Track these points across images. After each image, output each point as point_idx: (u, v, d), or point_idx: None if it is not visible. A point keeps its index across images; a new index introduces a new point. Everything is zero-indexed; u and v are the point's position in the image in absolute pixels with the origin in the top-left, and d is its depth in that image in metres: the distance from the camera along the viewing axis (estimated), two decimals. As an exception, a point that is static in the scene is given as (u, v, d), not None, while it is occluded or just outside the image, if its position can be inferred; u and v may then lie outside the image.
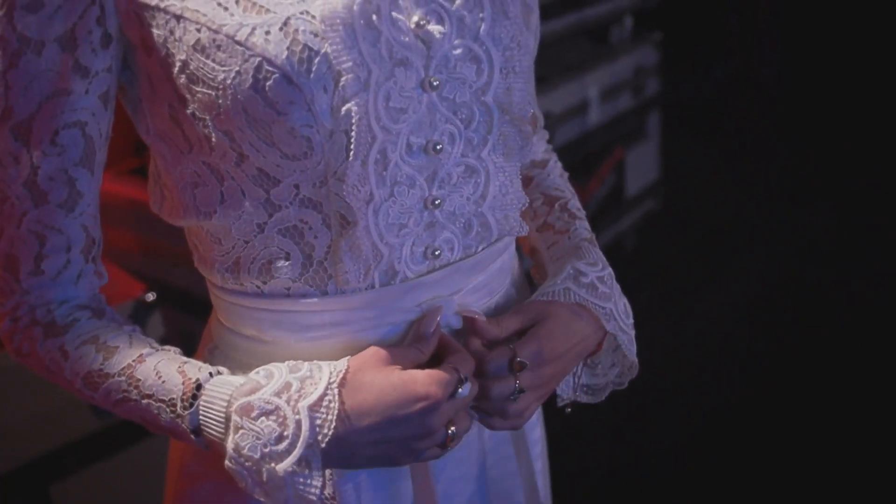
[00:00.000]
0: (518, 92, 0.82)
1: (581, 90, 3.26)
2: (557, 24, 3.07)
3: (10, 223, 0.82)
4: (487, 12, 0.79)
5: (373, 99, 0.75)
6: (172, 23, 0.75)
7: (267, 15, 0.73)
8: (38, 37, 0.76)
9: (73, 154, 0.80)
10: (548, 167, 1.06)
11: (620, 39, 3.57)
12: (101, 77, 0.79)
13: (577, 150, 3.28)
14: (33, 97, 0.78)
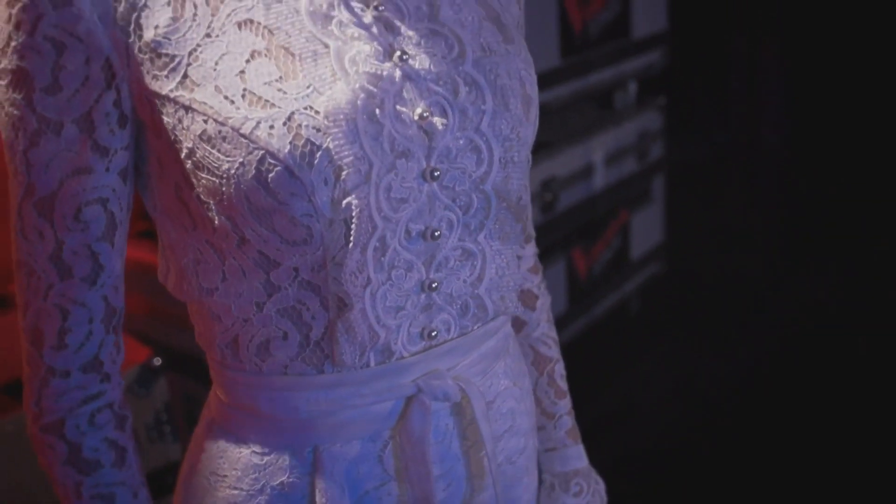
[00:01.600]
0: (515, 181, 0.84)
1: (586, 154, 3.29)
2: (563, 91, 3.11)
3: (37, 296, 0.84)
4: (489, 105, 0.82)
5: (374, 191, 0.77)
6: (181, 112, 0.77)
7: (272, 110, 0.75)
8: (56, 118, 0.78)
9: (96, 230, 0.82)
10: (537, 309, 1.09)
11: (625, 105, 3.61)
12: (120, 154, 0.81)
13: (583, 214, 3.30)
14: (54, 175, 0.80)
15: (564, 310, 3.24)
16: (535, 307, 1.09)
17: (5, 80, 0.78)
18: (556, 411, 1.10)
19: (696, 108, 4.74)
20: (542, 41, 2.99)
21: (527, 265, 1.08)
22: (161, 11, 0.77)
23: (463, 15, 0.84)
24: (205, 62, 0.76)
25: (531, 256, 1.09)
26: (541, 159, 2.99)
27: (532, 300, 1.09)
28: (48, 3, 0.75)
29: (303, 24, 0.78)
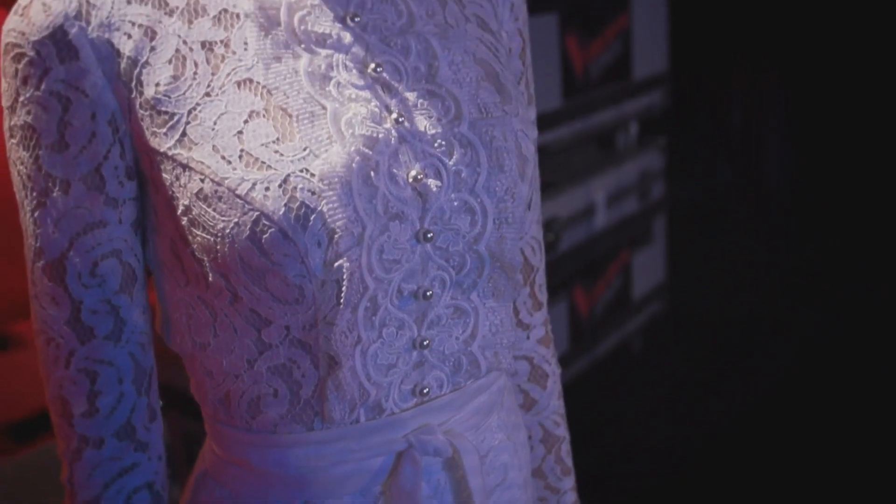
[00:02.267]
0: (510, 241, 0.85)
1: (588, 195, 3.30)
2: (565, 131, 3.13)
3: (58, 365, 0.83)
4: (484, 167, 0.82)
5: (366, 253, 0.77)
6: (178, 170, 0.77)
7: (268, 171, 0.75)
8: (63, 176, 0.79)
9: (113, 283, 0.82)
10: (548, 388, 1.08)
11: (626, 145, 3.63)
12: (130, 205, 0.82)
13: (584, 254, 3.31)
14: (64, 235, 0.80)
15: (566, 350, 3.24)
16: (545, 386, 1.07)
17: (16, 138, 0.79)
18: (561, 487, 1.10)
19: (697, 148, 4.76)
20: (544, 83, 3.02)
21: (537, 336, 1.06)
22: (162, 69, 0.78)
23: (461, 75, 0.85)
24: (203, 121, 0.77)
25: (541, 326, 1.07)
26: (542, 200, 2.98)
27: (543, 379, 1.07)
28: (55, 58, 0.76)
29: (301, 85, 0.78)
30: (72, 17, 0.77)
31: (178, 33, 0.79)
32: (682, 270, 4.04)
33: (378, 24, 0.83)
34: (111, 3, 0.78)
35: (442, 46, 0.85)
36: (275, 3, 0.80)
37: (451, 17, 0.88)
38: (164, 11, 0.79)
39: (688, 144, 4.53)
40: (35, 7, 0.77)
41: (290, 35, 0.80)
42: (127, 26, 0.78)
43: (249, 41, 0.79)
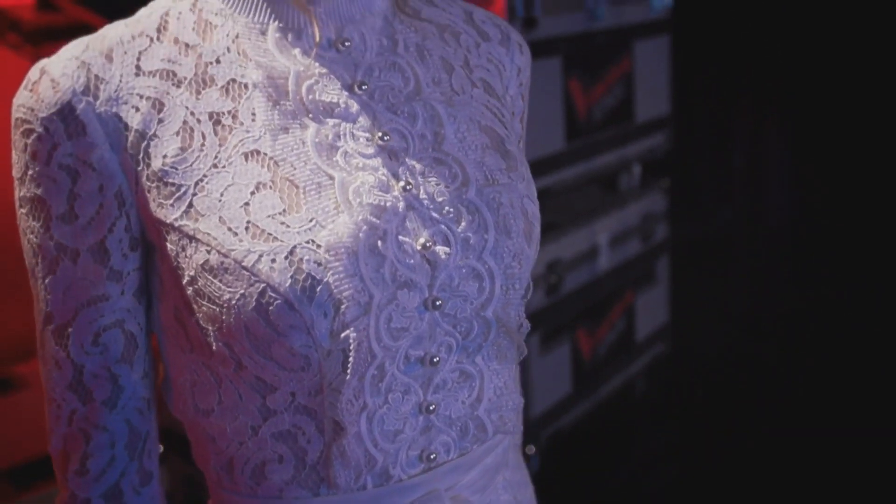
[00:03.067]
0: (515, 306, 0.84)
1: (591, 237, 3.30)
2: (568, 174, 3.14)
3: (59, 423, 0.85)
4: (491, 233, 0.82)
5: (374, 322, 0.77)
6: (185, 241, 0.78)
7: (274, 243, 0.75)
8: (73, 245, 0.80)
9: (115, 352, 0.83)
10: None
11: (629, 187, 3.64)
12: (133, 276, 0.82)
13: (587, 296, 3.31)
14: (71, 303, 0.81)
15: (570, 392, 3.23)
16: None
17: (25, 209, 0.80)
18: None
19: (700, 189, 4.77)
20: (548, 125, 3.03)
21: None
22: (170, 141, 0.78)
23: (467, 143, 0.85)
24: (210, 193, 0.77)
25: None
26: (546, 241, 3.01)
27: None
28: (63, 133, 0.77)
29: (308, 156, 0.79)
30: (79, 93, 0.78)
31: (186, 104, 0.79)
32: (685, 311, 4.04)
33: (385, 91, 0.84)
34: (119, 77, 0.79)
35: (448, 114, 0.85)
36: (283, 73, 0.81)
37: (458, 84, 0.89)
38: (173, 82, 0.80)
39: (690, 186, 4.54)
40: (44, 83, 0.78)
41: (297, 105, 0.81)
42: (135, 99, 0.79)
43: (257, 112, 0.80)
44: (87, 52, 0.79)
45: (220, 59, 0.81)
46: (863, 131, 4.41)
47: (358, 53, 0.84)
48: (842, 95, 4.43)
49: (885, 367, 3.79)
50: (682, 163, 4.20)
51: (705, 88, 4.70)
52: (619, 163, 3.49)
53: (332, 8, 0.83)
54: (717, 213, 4.94)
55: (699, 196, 4.78)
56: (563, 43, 3.05)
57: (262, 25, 0.83)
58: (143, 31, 0.82)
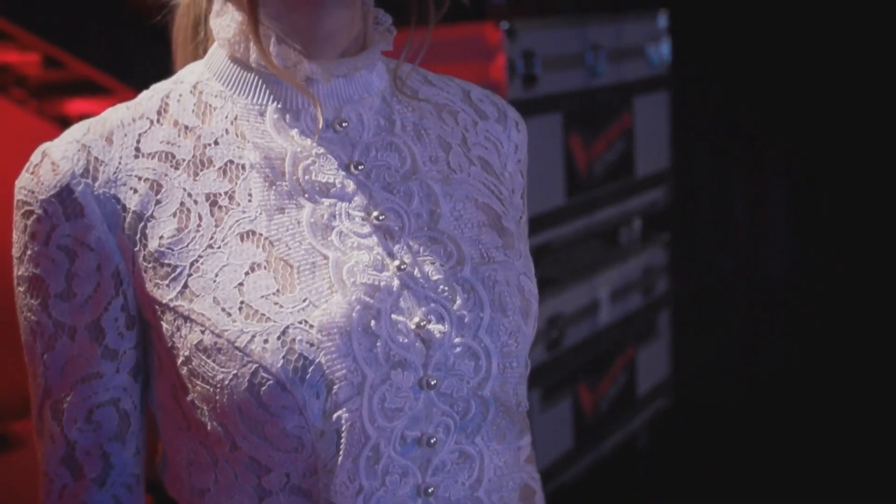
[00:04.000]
0: (513, 385, 0.84)
1: (592, 291, 3.31)
2: (569, 229, 3.15)
3: (51, 497, 0.85)
4: (487, 311, 0.82)
5: (367, 402, 0.77)
6: (180, 321, 0.79)
7: (267, 323, 0.76)
8: (70, 322, 0.81)
9: (108, 430, 0.84)
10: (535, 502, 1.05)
11: (630, 241, 3.65)
12: (129, 354, 0.83)
13: (589, 351, 3.30)
14: (68, 378, 0.82)
15: (571, 447, 3.21)
16: (534, 502, 1.05)
17: (23, 287, 0.81)
18: None
19: (700, 242, 4.78)
20: (549, 181, 3.05)
21: (523, 455, 1.05)
22: (167, 222, 0.79)
23: (463, 221, 0.86)
24: (205, 273, 0.78)
25: (527, 446, 1.06)
26: (547, 296, 3.01)
27: (531, 495, 1.04)
28: (61, 215, 0.79)
29: (303, 236, 0.80)
30: (78, 176, 0.79)
31: (184, 186, 0.81)
32: (687, 364, 4.03)
33: (381, 171, 0.85)
34: (119, 159, 0.81)
35: (444, 193, 0.86)
36: (280, 154, 0.82)
37: (455, 162, 0.89)
38: (171, 164, 0.81)
39: (691, 239, 4.55)
40: (45, 166, 0.80)
41: (293, 186, 0.82)
42: (133, 181, 0.80)
43: (254, 193, 0.81)
44: (88, 135, 0.81)
45: (219, 141, 0.83)
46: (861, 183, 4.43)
47: (355, 134, 0.85)
48: (839, 148, 4.46)
49: (886, 420, 3.77)
50: (683, 216, 4.22)
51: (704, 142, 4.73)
52: (620, 217, 3.50)
53: (330, 89, 0.84)
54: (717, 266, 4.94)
55: (700, 249, 4.79)
56: (563, 99, 3.08)
57: (261, 107, 0.84)
58: (143, 113, 0.84)
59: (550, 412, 3.10)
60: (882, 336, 4.34)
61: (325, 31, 0.83)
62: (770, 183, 4.87)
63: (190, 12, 0.92)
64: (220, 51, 0.86)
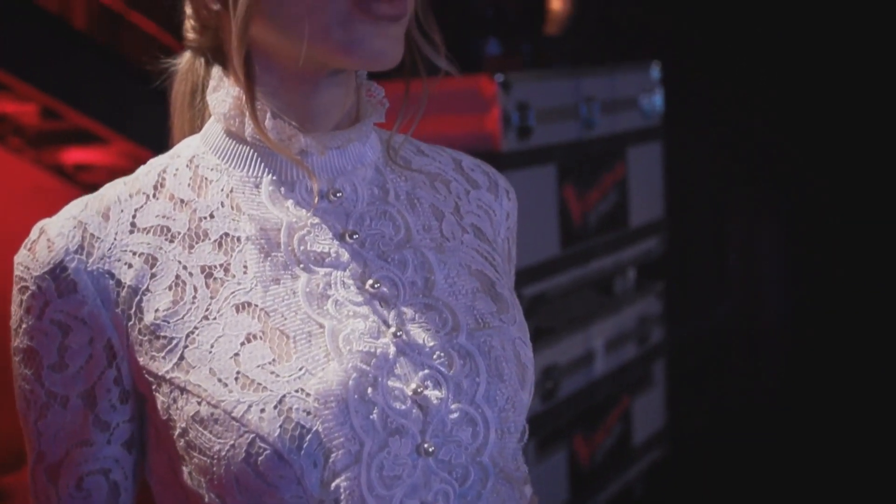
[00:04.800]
0: (511, 451, 0.84)
1: (587, 341, 3.30)
2: (564, 279, 3.16)
3: None
4: (483, 376, 0.82)
5: (365, 470, 0.77)
6: (176, 393, 0.79)
7: (264, 393, 0.76)
8: (63, 392, 0.81)
9: (97, 498, 0.83)
10: None
11: (624, 291, 3.65)
12: (123, 427, 0.83)
13: (584, 401, 3.29)
14: (61, 444, 0.82)
15: (567, 499, 3.18)
16: None
17: (18, 357, 0.82)
18: None
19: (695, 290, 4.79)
20: (543, 232, 3.06)
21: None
22: (162, 295, 0.80)
23: (457, 287, 0.86)
24: (201, 344, 0.78)
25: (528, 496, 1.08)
26: (542, 347, 3.01)
27: None
28: (54, 292, 0.80)
29: (299, 306, 0.80)
30: (73, 252, 0.80)
31: (179, 259, 0.81)
32: (682, 414, 4.01)
33: (376, 239, 0.85)
34: (114, 235, 0.82)
35: (438, 260, 0.87)
36: (275, 224, 0.83)
37: (448, 230, 0.90)
38: (166, 238, 0.82)
39: (685, 288, 4.56)
40: (41, 242, 0.81)
41: (289, 256, 0.82)
42: (128, 256, 0.81)
43: (249, 264, 0.81)
44: (85, 211, 0.83)
45: (214, 214, 0.84)
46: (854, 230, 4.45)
47: (349, 203, 0.86)
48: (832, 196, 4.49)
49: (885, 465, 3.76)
50: (677, 266, 4.23)
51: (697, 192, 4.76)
52: (615, 267, 3.51)
53: (325, 161, 0.85)
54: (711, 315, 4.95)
55: (694, 298, 4.80)
56: (557, 150, 3.10)
57: (257, 179, 0.85)
58: (140, 189, 0.85)
59: (546, 463, 3.08)
60: (878, 382, 4.33)
61: (319, 107, 0.85)
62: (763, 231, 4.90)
63: (188, 79, 0.92)
64: (216, 125, 0.87)
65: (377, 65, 0.82)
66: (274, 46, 0.82)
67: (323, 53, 0.80)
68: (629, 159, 3.53)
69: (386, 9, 0.79)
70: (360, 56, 0.80)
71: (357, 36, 0.79)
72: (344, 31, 0.79)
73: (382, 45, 0.80)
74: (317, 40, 0.79)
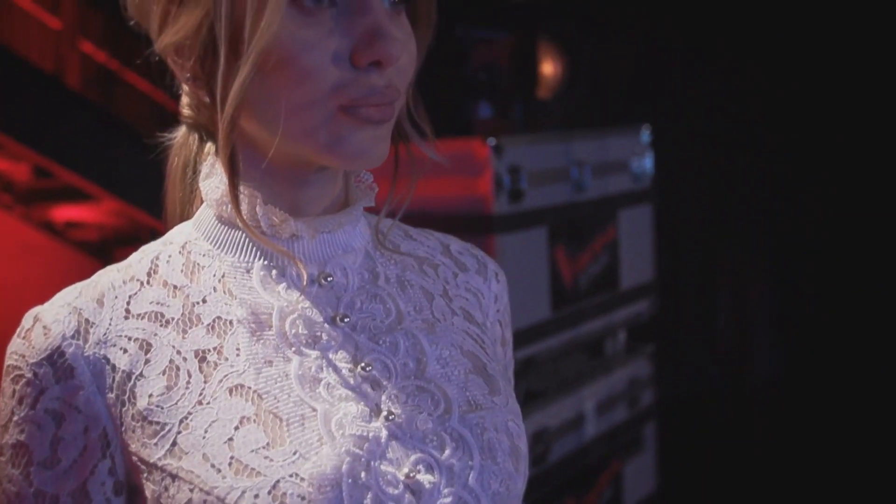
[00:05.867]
0: None
1: (577, 404, 3.29)
2: (554, 342, 3.15)
3: None
4: (476, 460, 0.82)
5: None
6: (167, 480, 0.78)
7: (257, 478, 0.76)
8: (53, 490, 0.79)
9: None
10: None
11: (615, 353, 3.65)
12: None
13: (574, 465, 3.26)
14: None
15: (557, 564, 3.14)
16: None
17: (6, 456, 0.80)
18: None
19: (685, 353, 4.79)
20: (534, 295, 3.06)
21: None
22: (156, 381, 0.80)
23: (449, 370, 0.86)
24: (195, 430, 0.78)
25: None
26: (533, 410, 2.99)
27: None
28: (51, 378, 0.79)
29: (291, 389, 0.80)
30: (69, 338, 0.80)
31: (173, 344, 0.81)
32: (673, 477, 3.98)
33: (367, 322, 0.86)
34: (109, 320, 0.81)
35: (430, 342, 0.87)
36: (267, 308, 0.83)
37: (439, 312, 0.91)
38: (160, 323, 0.82)
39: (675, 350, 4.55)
40: (36, 330, 0.80)
41: (280, 339, 0.82)
42: (123, 341, 0.81)
43: (241, 347, 0.81)
44: (80, 298, 0.82)
45: (207, 299, 0.84)
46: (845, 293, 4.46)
47: (340, 287, 0.87)
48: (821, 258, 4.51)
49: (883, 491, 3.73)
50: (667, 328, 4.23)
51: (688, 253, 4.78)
52: (605, 329, 3.50)
53: (315, 245, 0.86)
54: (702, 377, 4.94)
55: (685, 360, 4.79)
56: (548, 213, 3.11)
57: (248, 264, 0.86)
58: (133, 275, 0.85)
59: (536, 529, 3.05)
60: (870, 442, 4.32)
61: (307, 198, 0.86)
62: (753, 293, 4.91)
63: (182, 153, 0.93)
64: (208, 210, 0.88)
65: (362, 166, 0.83)
66: (261, 141, 0.83)
67: (308, 152, 0.81)
68: (620, 221, 3.54)
69: (372, 113, 0.79)
70: (345, 157, 0.81)
71: (342, 137, 0.80)
72: (329, 133, 0.79)
73: (368, 146, 0.81)
74: (302, 139, 0.80)
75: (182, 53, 0.82)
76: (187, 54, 0.82)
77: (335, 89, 0.78)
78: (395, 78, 0.80)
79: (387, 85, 0.79)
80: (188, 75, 0.83)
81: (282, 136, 0.79)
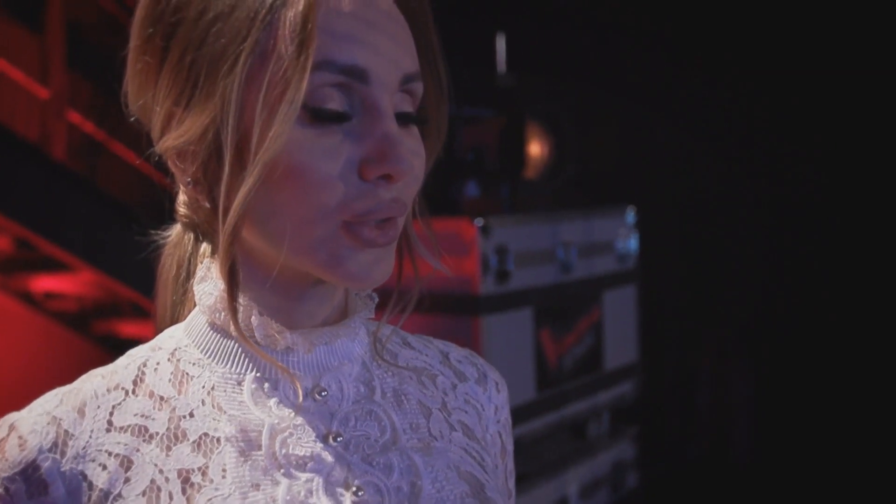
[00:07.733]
0: None
1: (561, 487, 3.24)
2: (538, 423, 3.11)
3: None
4: None
5: None
6: None
7: None
8: None
9: None
10: None
11: (598, 435, 3.60)
12: None
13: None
14: None
15: None
16: None
17: None
18: None
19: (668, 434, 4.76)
20: (519, 376, 3.03)
21: None
22: (135, 502, 0.75)
23: (444, 493, 0.82)
24: None
25: None
26: (517, 494, 2.93)
27: None
28: (23, 494, 0.75)
29: None
30: (46, 451, 0.76)
31: (156, 462, 0.77)
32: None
33: (360, 441, 0.82)
34: (90, 432, 0.78)
35: (425, 463, 0.83)
36: (257, 426, 0.79)
37: (436, 429, 0.87)
38: (143, 438, 0.78)
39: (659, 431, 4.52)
40: (11, 440, 0.77)
41: (269, 460, 0.78)
42: (103, 456, 0.77)
43: (228, 468, 0.77)
44: (60, 407, 0.78)
45: (194, 413, 0.80)
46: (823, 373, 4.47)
47: (334, 402, 0.83)
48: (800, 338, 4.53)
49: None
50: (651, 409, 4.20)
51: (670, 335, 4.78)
52: (589, 411, 3.47)
53: (311, 358, 0.83)
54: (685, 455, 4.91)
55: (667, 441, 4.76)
56: (534, 294, 3.10)
57: (239, 376, 0.81)
58: (118, 383, 0.81)
59: None
60: None
61: (305, 310, 0.83)
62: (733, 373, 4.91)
63: (176, 252, 0.90)
64: (201, 316, 0.84)
65: (362, 286, 0.79)
66: (261, 252, 0.80)
67: (308, 267, 0.78)
68: (605, 302, 3.53)
69: (375, 235, 0.77)
70: (345, 278, 0.78)
71: (342, 258, 0.77)
72: (329, 252, 0.76)
73: (368, 268, 0.78)
74: (302, 255, 0.77)
75: (184, 158, 0.79)
76: (190, 159, 0.79)
77: (341, 205, 0.75)
78: (402, 191, 0.78)
79: (393, 199, 0.76)
80: (189, 179, 0.80)
81: (282, 249, 0.76)
